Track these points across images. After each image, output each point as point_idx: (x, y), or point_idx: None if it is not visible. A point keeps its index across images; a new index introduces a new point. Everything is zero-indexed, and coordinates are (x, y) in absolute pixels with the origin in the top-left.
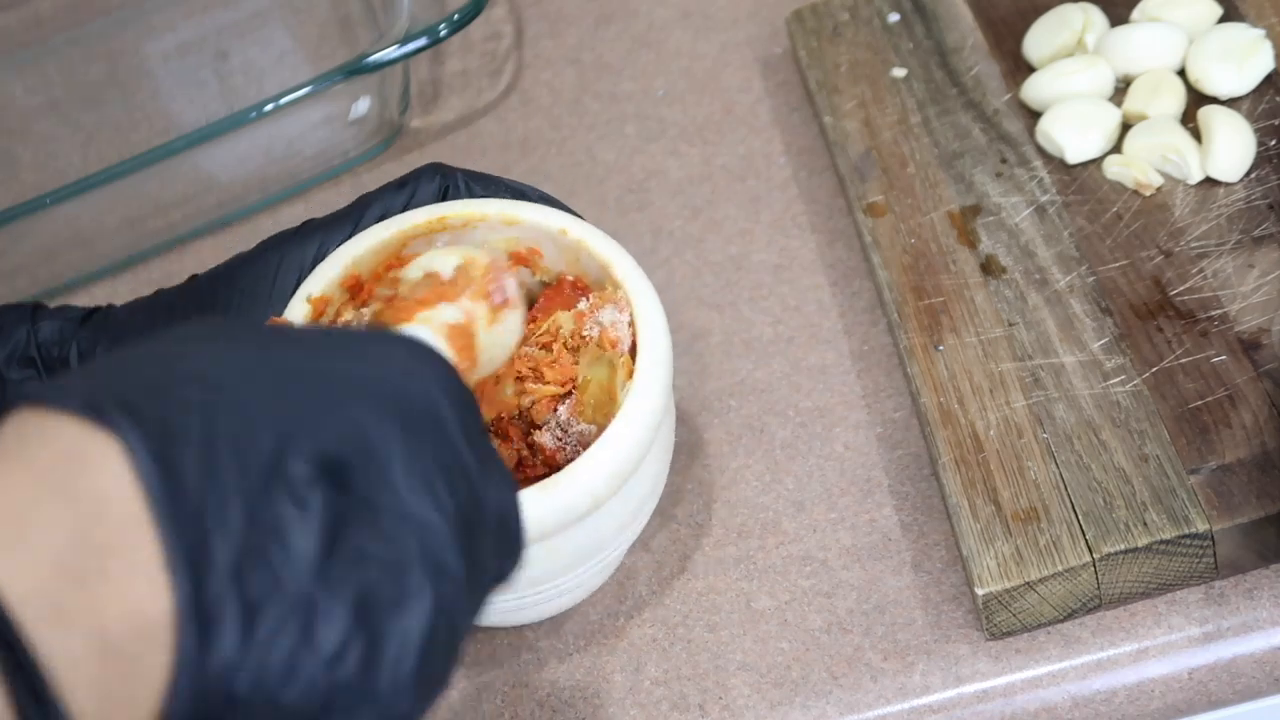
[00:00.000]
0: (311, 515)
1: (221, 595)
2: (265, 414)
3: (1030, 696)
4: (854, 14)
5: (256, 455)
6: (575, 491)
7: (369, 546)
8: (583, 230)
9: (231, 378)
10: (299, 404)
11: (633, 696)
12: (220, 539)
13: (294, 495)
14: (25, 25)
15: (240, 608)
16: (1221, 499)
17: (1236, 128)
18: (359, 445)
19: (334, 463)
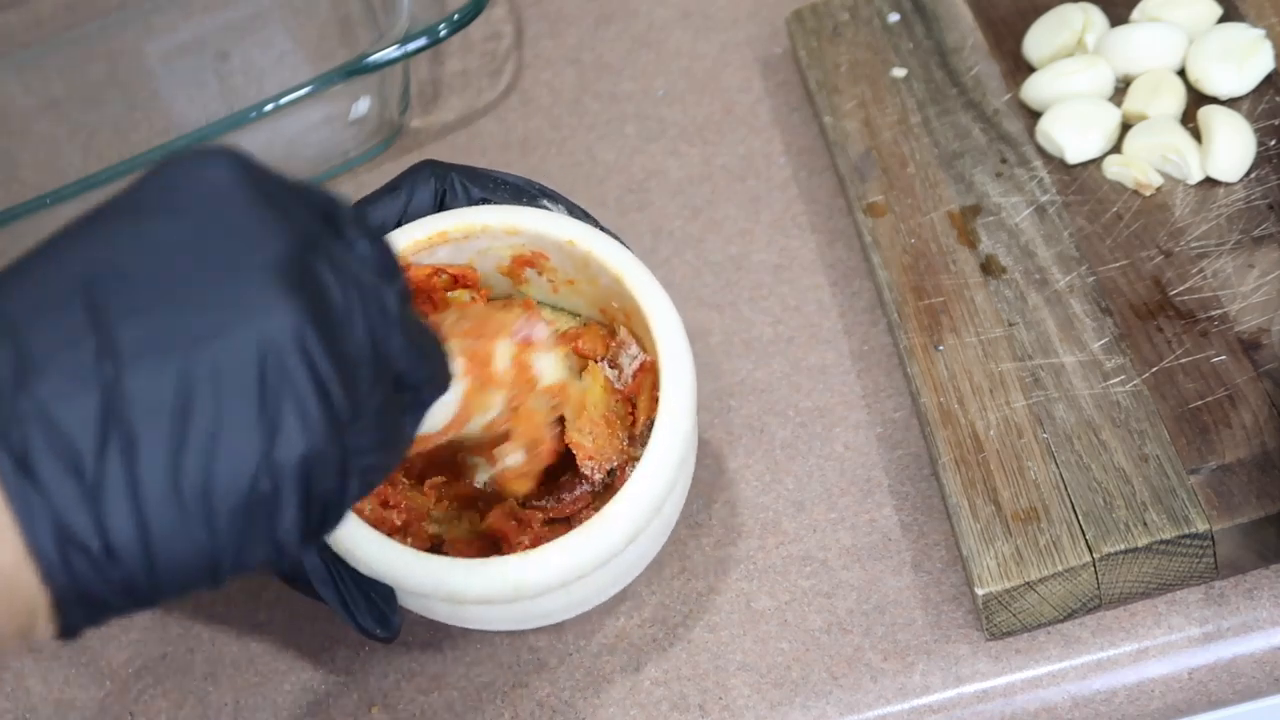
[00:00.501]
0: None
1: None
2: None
3: (1030, 696)
4: (854, 14)
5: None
6: (614, 532)
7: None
8: (591, 240)
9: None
10: (58, 253)
11: (633, 696)
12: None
13: (54, 331)
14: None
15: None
16: (1221, 499)
17: (1236, 128)
18: (120, 251)
19: (97, 277)
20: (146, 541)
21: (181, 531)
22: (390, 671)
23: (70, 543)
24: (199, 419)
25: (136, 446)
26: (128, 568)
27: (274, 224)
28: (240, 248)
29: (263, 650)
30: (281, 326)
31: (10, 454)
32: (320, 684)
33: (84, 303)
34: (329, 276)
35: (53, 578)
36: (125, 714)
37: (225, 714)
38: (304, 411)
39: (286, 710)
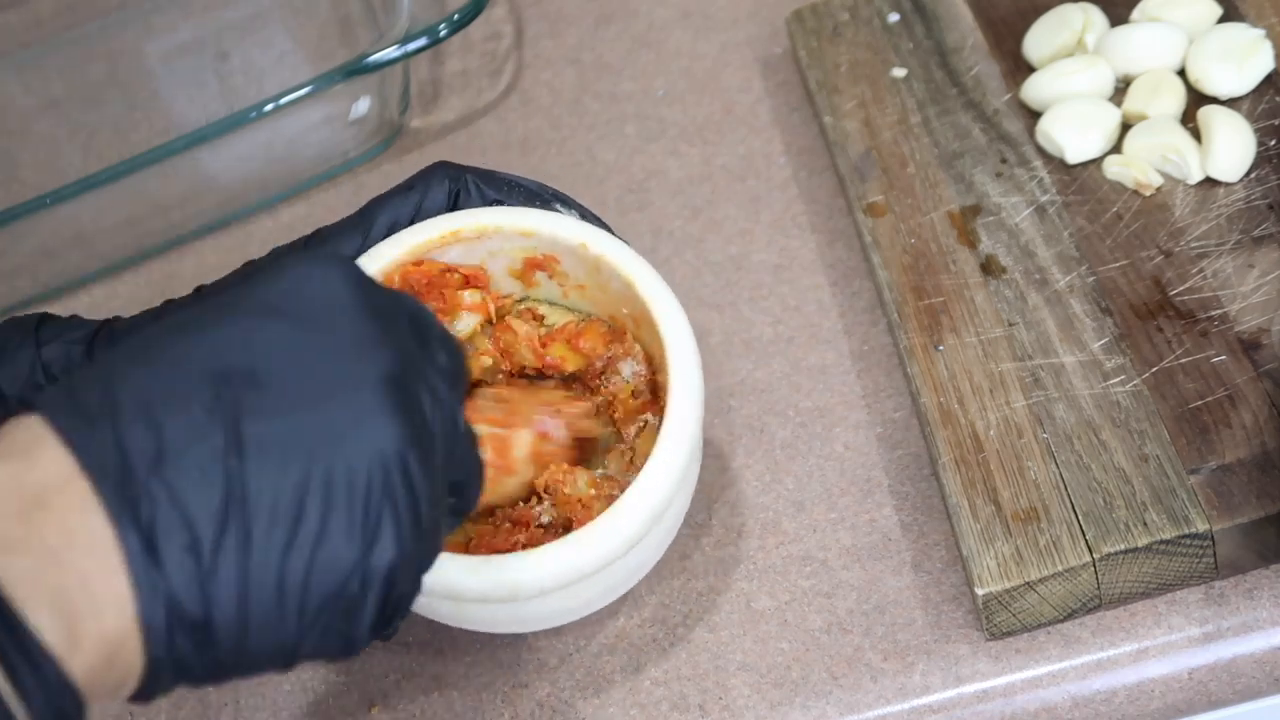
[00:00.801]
0: (210, 427)
1: (151, 512)
2: (163, 363)
3: (1030, 696)
4: (854, 14)
5: (152, 398)
6: (613, 537)
7: (267, 431)
8: (602, 245)
9: (138, 356)
10: (189, 343)
11: (633, 696)
12: (136, 460)
13: (189, 422)
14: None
15: (177, 536)
16: (1221, 499)
17: (1236, 128)
18: (248, 350)
19: (228, 373)
20: (245, 626)
21: (275, 621)
22: (390, 671)
23: (178, 620)
24: (308, 521)
25: (251, 539)
26: (222, 648)
27: (383, 338)
28: (356, 361)
29: None
30: (390, 444)
31: (138, 530)
32: (320, 684)
33: (215, 395)
34: (425, 396)
35: (154, 648)
36: (125, 714)
37: (225, 714)
38: (399, 525)
39: (286, 710)
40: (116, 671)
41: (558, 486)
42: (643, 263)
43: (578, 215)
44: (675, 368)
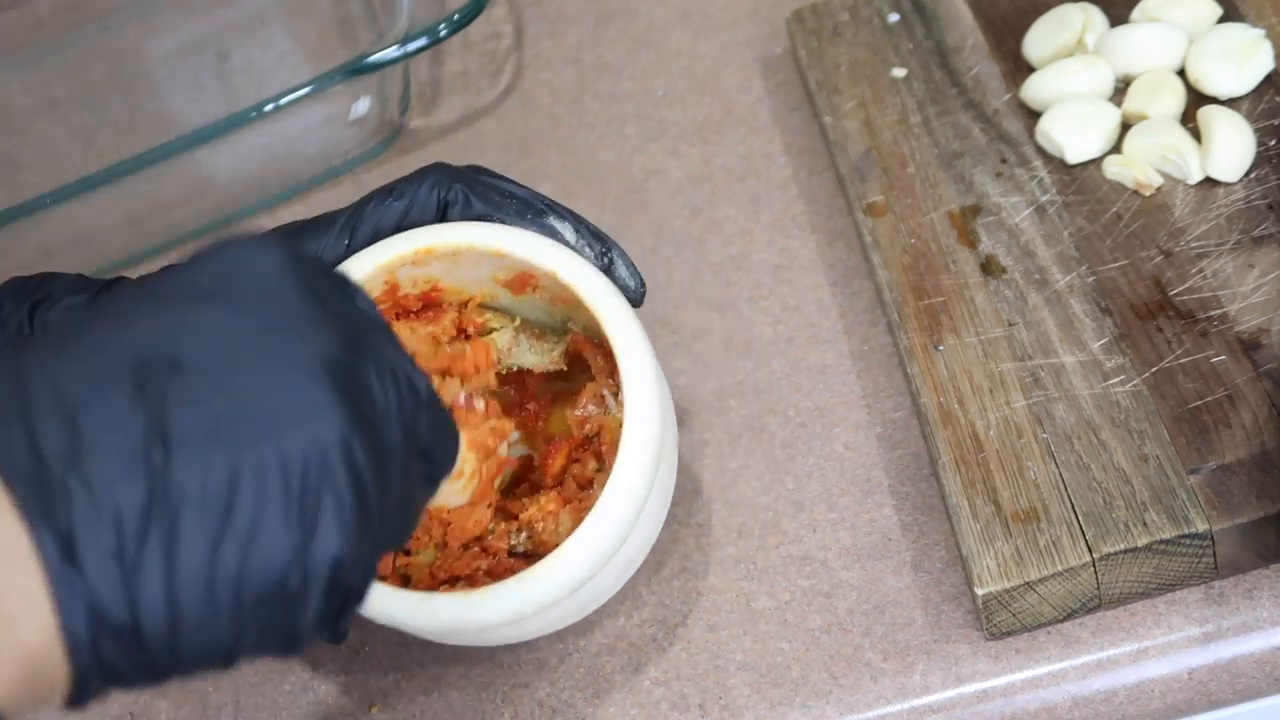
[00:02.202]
0: (131, 419)
1: (69, 513)
2: (81, 353)
3: (1030, 696)
4: (854, 14)
5: (68, 391)
6: (557, 580)
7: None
8: (573, 274)
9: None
10: (111, 331)
11: (633, 696)
12: (51, 458)
13: (108, 414)
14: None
15: (97, 537)
16: (1221, 499)
17: (1236, 128)
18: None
19: (152, 360)
20: (174, 628)
21: (209, 621)
22: (390, 671)
23: (102, 626)
24: (239, 514)
25: (177, 536)
26: (152, 651)
27: (321, 319)
28: (290, 342)
29: None
30: (329, 429)
31: (55, 534)
32: (320, 684)
33: (137, 385)
34: (370, 371)
35: (79, 656)
36: (125, 714)
37: (225, 714)
38: (341, 515)
39: (286, 710)
40: (40, 685)
41: (537, 527)
42: (612, 291)
43: (572, 227)
44: (631, 414)
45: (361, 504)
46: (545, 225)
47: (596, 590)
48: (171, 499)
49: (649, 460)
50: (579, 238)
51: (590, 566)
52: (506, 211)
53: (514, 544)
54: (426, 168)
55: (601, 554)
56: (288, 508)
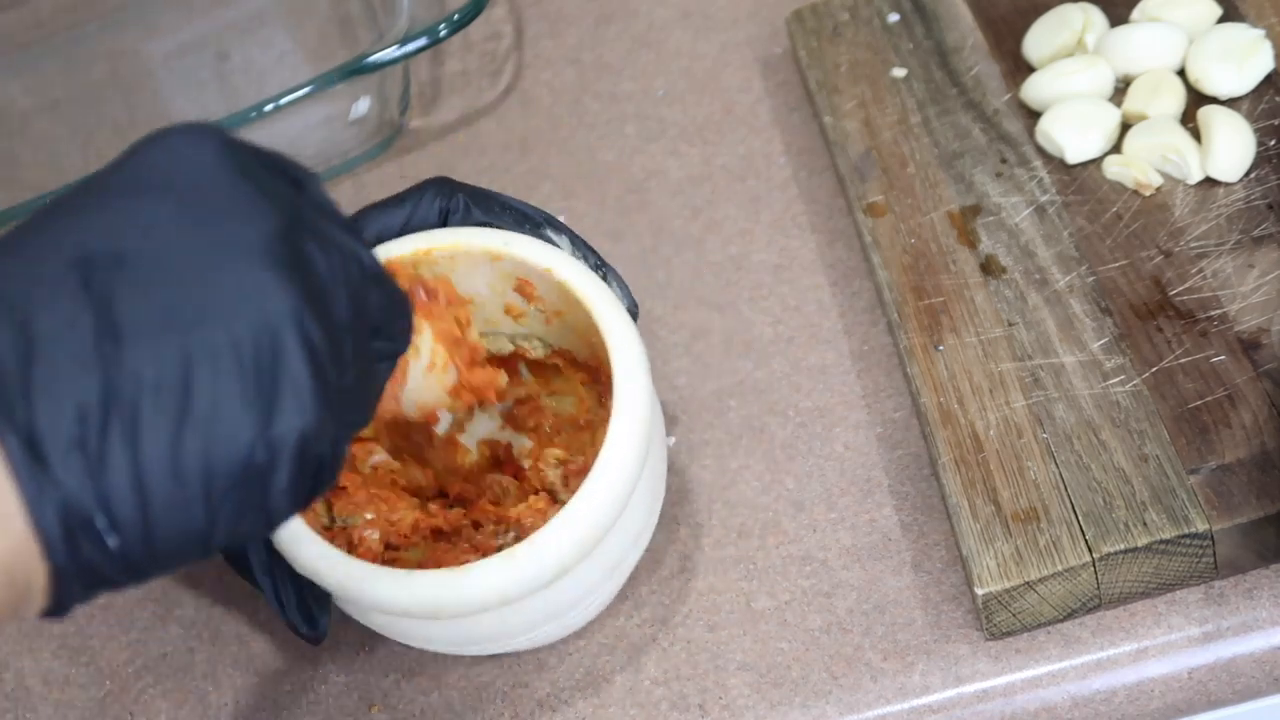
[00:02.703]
0: (80, 314)
1: (29, 411)
2: (24, 253)
3: (1030, 696)
4: (854, 14)
5: (14, 292)
6: (539, 562)
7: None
8: (566, 272)
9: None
10: (51, 230)
11: (632, 696)
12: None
13: (56, 311)
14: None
15: (60, 432)
16: (1221, 499)
17: (1236, 128)
18: (115, 230)
19: (95, 256)
20: (147, 516)
21: (180, 505)
22: (390, 671)
23: (74, 521)
24: (198, 397)
25: (138, 424)
26: (128, 542)
27: (260, 200)
28: (231, 226)
29: (263, 650)
30: (278, 307)
31: (16, 433)
32: (320, 684)
33: (82, 282)
34: (314, 248)
35: (54, 555)
36: (125, 714)
37: (225, 714)
38: (299, 388)
39: (286, 710)
40: (16, 586)
41: (525, 524)
42: (605, 290)
43: (568, 242)
44: (620, 403)
45: (318, 376)
46: (543, 237)
47: (582, 591)
48: (128, 388)
49: (637, 447)
50: (575, 251)
51: (574, 548)
52: (505, 222)
53: (502, 544)
54: (428, 180)
55: (585, 536)
56: (244, 385)
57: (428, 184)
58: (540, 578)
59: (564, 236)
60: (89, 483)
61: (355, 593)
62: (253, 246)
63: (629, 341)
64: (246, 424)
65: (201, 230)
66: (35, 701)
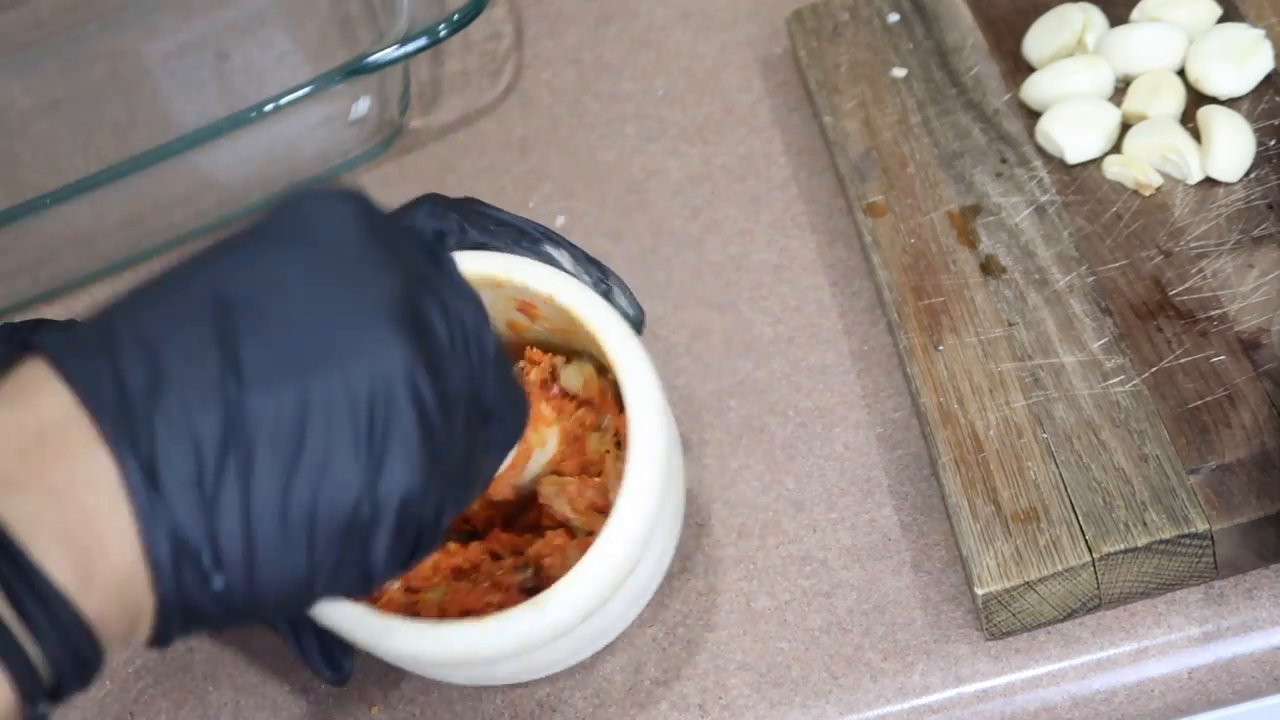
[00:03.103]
0: (207, 355)
1: (151, 443)
2: (162, 296)
3: (1030, 696)
4: (854, 14)
5: (150, 330)
6: (568, 609)
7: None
8: (570, 296)
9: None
10: (189, 277)
11: (632, 696)
12: (134, 392)
13: (186, 351)
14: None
15: (178, 465)
16: (1221, 499)
17: (1236, 128)
18: (248, 278)
19: (227, 301)
20: (250, 557)
21: (283, 551)
22: (390, 671)
23: (183, 552)
24: (311, 445)
25: (252, 466)
26: (230, 581)
27: (389, 261)
28: (359, 282)
29: (263, 650)
30: (394, 363)
31: (139, 462)
32: (320, 684)
33: (213, 322)
34: (436, 317)
35: (162, 584)
36: (125, 714)
37: (225, 714)
38: (408, 446)
39: (286, 710)
40: (128, 613)
41: (545, 562)
42: (613, 319)
43: (569, 255)
44: (636, 437)
45: (427, 437)
46: (542, 253)
47: (606, 623)
48: (246, 430)
49: (656, 485)
50: (576, 265)
51: (602, 590)
52: (503, 240)
53: (521, 579)
54: (420, 198)
55: (613, 577)
56: (355, 439)
57: (419, 202)
58: (568, 623)
59: (564, 251)
60: (200, 518)
61: (383, 646)
62: (376, 301)
63: (642, 373)
64: (354, 476)
65: (329, 282)
66: None
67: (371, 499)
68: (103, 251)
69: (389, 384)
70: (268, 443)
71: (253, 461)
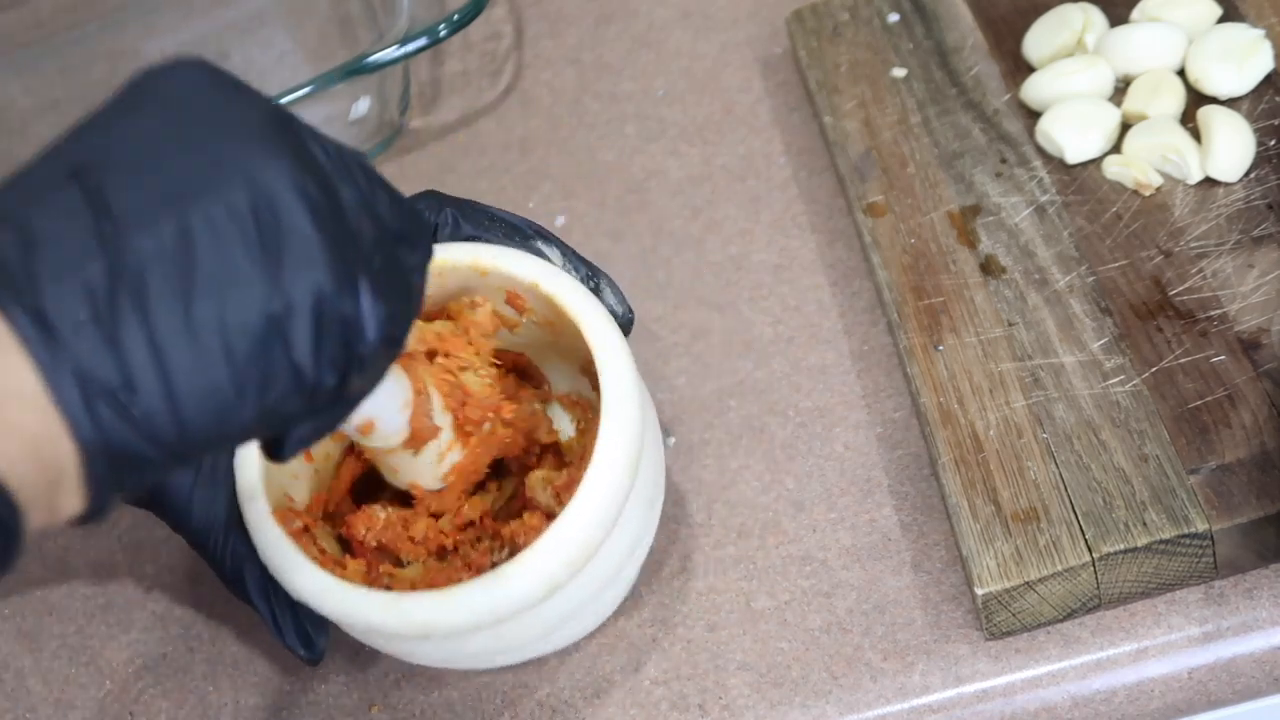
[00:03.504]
0: (77, 210)
1: (37, 295)
2: (21, 175)
3: (1030, 696)
4: (854, 14)
5: (13, 205)
6: (529, 581)
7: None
8: (554, 285)
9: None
10: (46, 155)
11: (632, 696)
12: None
13: (54, 211)
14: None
15: (72, 310)
16: (1221, 499)
17: (1236, 128)
18: (105, 142)
19: (87, 164)
20: (166, 377)
21: (199, 366)
22: (390, 671)
23: (94, 389)
24: (203, 265)
25: (146, 294)
26: (150, 406)
27: (253, 101)
28: (224, 120)
29: (263, 650)
30: (275, 171)
31: (26, 313)
32: (320, 684)
33: (79, 185)
34: (311, 142)
35: (77, 427)
36: (125, 714)
37: (225, 714)
38: (306, 242)
39: (286, 710)
40: (47, 471)
41: (519, 542)
42: (594, 303)
43: (559, 252)
44: (609, 419)
45: (325, 231)
46: (533, 248)
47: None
48: (133, 264)
49: (625, 464)
50: (566, 262)
51: (566, 563)
52: (495, 234)
53: (496, 560)
54: (420, 193)
55: (575, 555)
56: (247, 247)
57: (415, 197)
58: (531, 596)
59: (554, 248)
60: (105, 354)
61: (348, 617)
62: (245, 125)
63: (617, 356)
64: (256, 281)
65: (195, 128)
66: (35, 701)
67: (281, 298)
68: None
69: (271, 191)
70: (158, 271)
71: (146, 291)
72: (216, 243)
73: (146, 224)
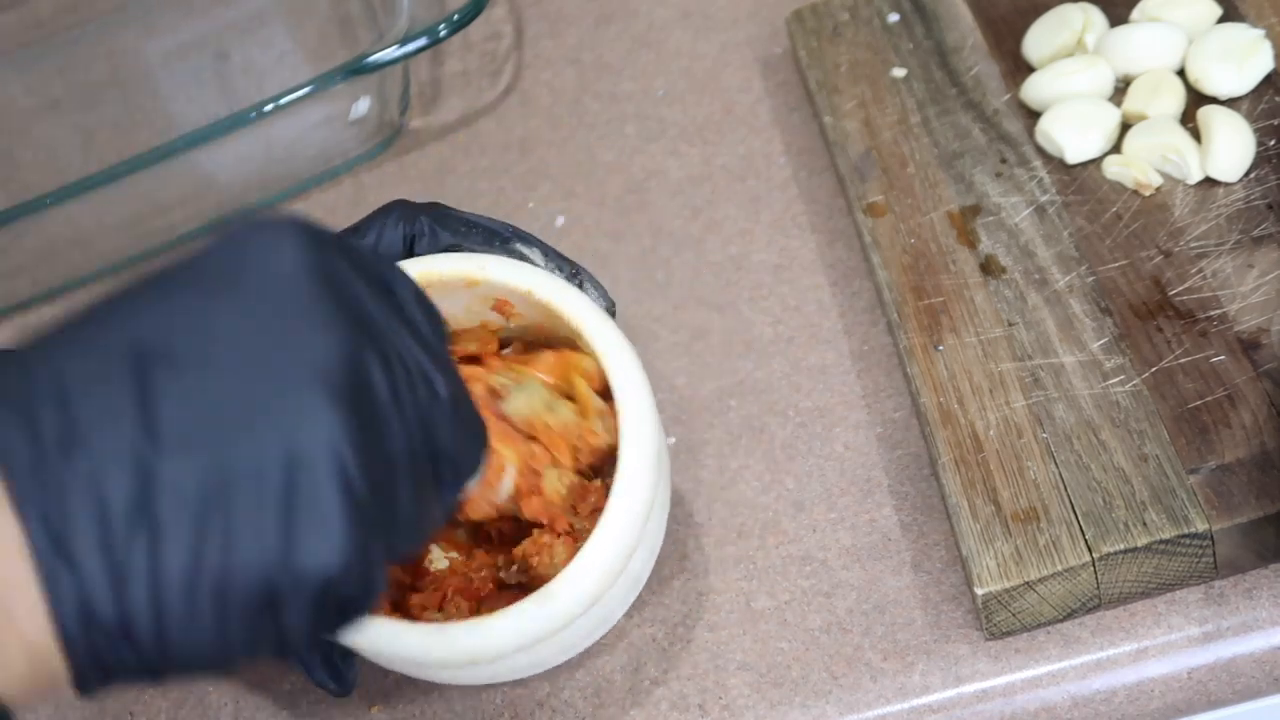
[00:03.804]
0: (124, 410)
1: (61, 504)
2: (82, 340)
3: (1030, 696)
4: (854, 14)
5: (67, 377)
6: (572, 598)
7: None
8: (548, 290)
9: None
10: (112, 318)
11: (632, 696)
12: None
13: (102, 403)
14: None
15: (87, 531)
16: (1221, 499)
17: (1236, 128)
18: (172, 326)
19: (149, 351)
20: (161, 628)
21: (194, 622)
22: (390, 671)
23: (92, 621)
24: (223, 516)
25: (161, 535)
26: (143, 650)
27: (330, 311)
28: (294, 339)
29: None
30: (320, 434)
31: (46, 528)
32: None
33: (133, 376)
34: (379, 369)
35: (74, 652)
36: (125, 714)
37: (225, 714)
38: (329, 524)
39: (286, 710)
40: (44, 677)
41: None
42: (592, 309)
43: (540, 253)
44: (627, 426)
45: (354, 515)
46: (513, 251)
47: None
48: (158, 495)
49: (650, 475)
50: (548, 261)
51: (609, 574)
52: (473, 240)
53: (504, 578)
54: (388, 205)
55: (616, 561)
56: (263, 514)
57: (388, 210)
58: (572, 612)
59: (534, 249)
60: (109, 587)
61: (388, 651)
62: (310, 363)
63: (625, 355)
64: (265, 551)
65: (261, 339)
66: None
67: (290, 574)
68: (103, 251)
69: (311, 458)
70: (179, 511)
71: (162, 530)
72: (241, 494)
73: (181, 453)
